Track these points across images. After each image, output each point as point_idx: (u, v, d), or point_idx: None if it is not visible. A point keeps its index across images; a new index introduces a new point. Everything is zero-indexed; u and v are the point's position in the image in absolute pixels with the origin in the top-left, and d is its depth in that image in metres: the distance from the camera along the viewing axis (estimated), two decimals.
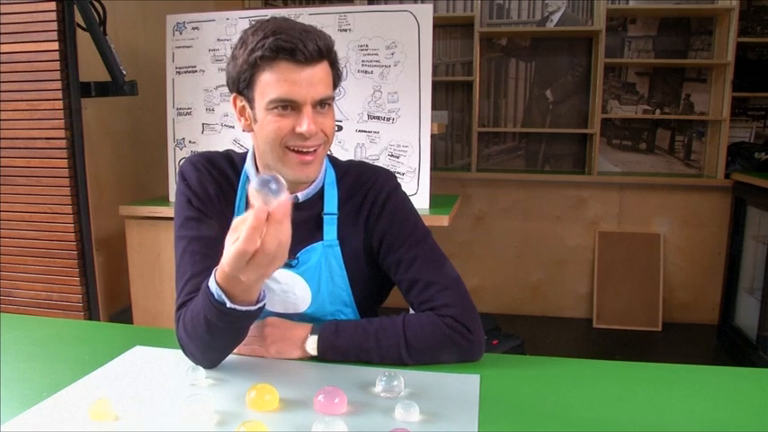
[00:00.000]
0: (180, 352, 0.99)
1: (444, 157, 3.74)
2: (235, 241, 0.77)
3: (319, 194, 1.09)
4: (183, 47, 2.34)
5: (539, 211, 3.60)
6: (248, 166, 1.09)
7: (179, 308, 0.99)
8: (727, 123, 3.24)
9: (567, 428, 0.79)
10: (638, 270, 3.48)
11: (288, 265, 1.06)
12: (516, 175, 3.60)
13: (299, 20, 1.00)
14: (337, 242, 1.08)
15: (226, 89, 2.53)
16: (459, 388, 0.90)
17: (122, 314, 2.38)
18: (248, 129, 1.03)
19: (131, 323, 2.28)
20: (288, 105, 0.95)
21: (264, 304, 0.90)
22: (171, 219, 2.37)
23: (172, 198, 2.39)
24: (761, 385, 0.93)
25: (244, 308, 0.86)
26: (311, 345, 0.98)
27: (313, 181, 1.07)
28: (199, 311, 0.89)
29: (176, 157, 2.39)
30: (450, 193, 2.76)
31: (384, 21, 2.20)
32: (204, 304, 0.88)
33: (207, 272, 0.92)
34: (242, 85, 0.98)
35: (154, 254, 2.26)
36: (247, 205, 1.06)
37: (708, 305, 3.46)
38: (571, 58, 3.53)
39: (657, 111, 3.50)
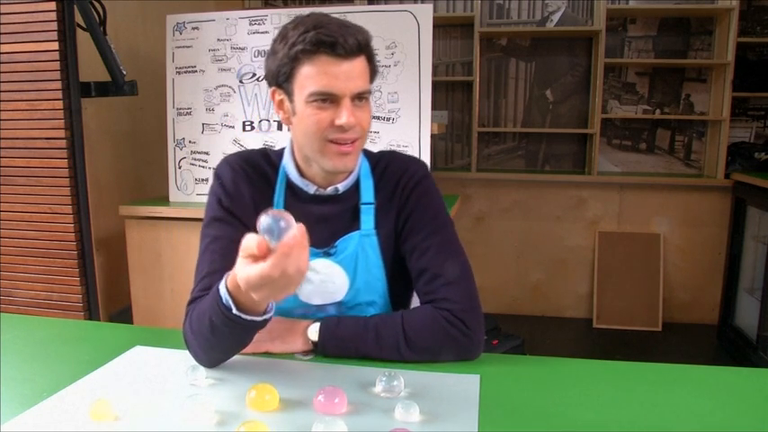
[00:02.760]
0: (180, 352, 0.99)
1: (444, 157, 3.74)
2: (246, 257, 0.77)
3: (356, 185, 1.11)
4: (183, 47, 2.34)
5: (539, 211, 3.60)
6: (287, 161, 1.11)
7: (190, 303, 1.00)
8: (727, 123, 3.24)
9: (567, 428, 0.79)
10: (638, 270, 3.48)
11: (326, 254, 1.08)
12: (516, 175, 3.60)
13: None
14: (374, 231, 1.09)
15: (226, 89, 2.54)
16: (459, 388, 0.90)
17: (122, 314, 2.38)
18: (287, 122, 1.05)
19: (131, 323, 2.28)
20: (327, 98, 0.97)
21: (270, 317, 0.90)
22: (171, 219, 2.38)
23: (172, 198, 2.40)
24: (761, 385, 0.93)
25: (249, 317, 0.86)
26: (313, 331, 0.99)
27: (351, 172, 1.09)
28: (205, 311, 0.90)
29: (176, 157, 2.38)
30: (450, 193, 2.76)
31: (384, 21, 2.20)
32: (211, 306, 0.88)
33: (223, 271, 0.93)
34: (281, 78, 0.99)
35: (154, 254, 2.26)
36: (286, 202, 1.09)
37: (708, 305, 3.46)
38: (571, 58, 3.53)
39: (657, 111, 3.50)
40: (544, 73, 3.58)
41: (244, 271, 0.77)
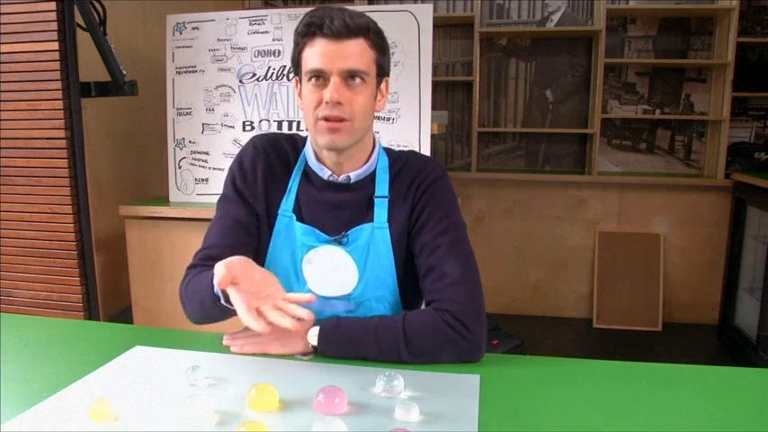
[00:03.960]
0: (180, 352, 1.00)
1: (444, 157, 3.74)
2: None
3: (371, 177, 1.12)
4: (183, 47, 2.34)
5: (539, 211, 3.60)
6: (307, 147, 1.15)
7: (190, 267, 1.08)
8: (727, 123, 3.24)
9: (567, 428, 0.79)
10: (638, 270, 3.48)
11: (338, 242, 1.10)
12: (516, 175, 3.60)
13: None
14: (387, 225, 1.10)
15: (226, 89, 2.54)
16: (459, 388, 0.90)
17: (122, 314, 2.38)
18: (302, 107, 1.09)
19: (131, 323, 2.28)
20: (319, 76, 1.02)
21: None
22: (171, 219, 2.38)
23: (172, 198, 2.40)
24: (761, 385, 0.93)
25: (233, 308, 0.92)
26: (312, 335, 0.99)
27: (365, 162, 1.12)
28: (199, 291, 0.99)
29: (176, 157, 2.38)
30: None
31: (384, 21, 2.17)
32: (205, 288, 0.97)
33: (223, 248, 1.06)
34: (294, 65, 1.08)
35: (154, 254, 2.26)
36: (300, 188, 1.12)
37: (708, 305, 3.46)
38: (571, 58, 3.53)
39: (657, 111, 3.50)
40: (544, 73, 3.58)
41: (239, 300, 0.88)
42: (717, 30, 3.34)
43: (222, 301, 0.93)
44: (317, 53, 1.01)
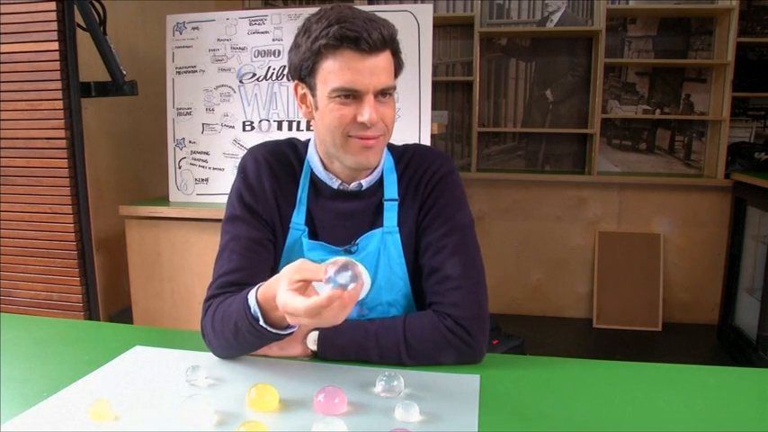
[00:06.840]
0: (180, 352, 1.00)
1: None
2: (295, 289, 0.81)
3: (380, 181, 1.09)
4: (183, 47, 2.34)
5: (539, 211, 3.60)
6: (311, 154, 1.09)
7: (207, 299, 1.02)
8: (727, 123, 3.24)
9: (567, 428, 0.79)
10: (638, 270, 3.48)
11: (348, 251, 1.07)
12: (516, 175, 3.60)
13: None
14: (397, 229, 1.07)
15: (226, 89, 2.53)
16: (459, 388, 0.90)
17: (122, 314, 2.38)
18: (309, 116, 1.04)
19: (131, 323, 2.28)
20: (350, 94, 0.95)
21: (293, 332, 0.94)
22: (171, 219, 2.37)
23: (172, 198, 2.40)
24: (761, 385, 0.93)
25: (274, 330, 0.90)
26: (312, 340, 0.99)
27: (375, 167, 1.07)
28: (231, 315, 0.93)
29: (176, 157, 2.38)
30: None
31: None
32: (238, 312, 0.91)
33: (241, 271, 0.99)
34: (304, 72, 0.98)
35: (154, 254, 2.26)
36: (309, 199, 1.09)
37: (708, 305, 3.46)
38: (571, 58, 3.53)
39: (657, 111, 3.50)
40: (544, 73, 3.58)
41: (292, 303, 0.79)
42: (717, 30, 3.34)
43: (261, 323, 0.88)
44: (347, 69, 0.93)
